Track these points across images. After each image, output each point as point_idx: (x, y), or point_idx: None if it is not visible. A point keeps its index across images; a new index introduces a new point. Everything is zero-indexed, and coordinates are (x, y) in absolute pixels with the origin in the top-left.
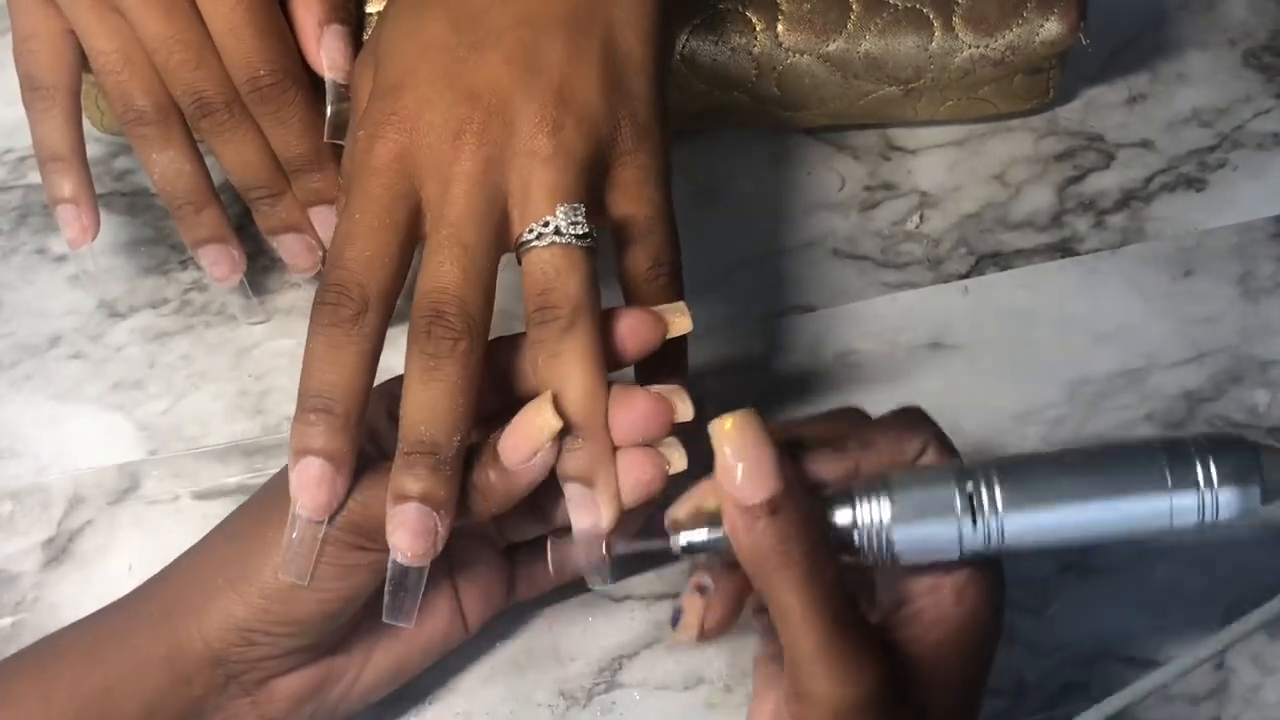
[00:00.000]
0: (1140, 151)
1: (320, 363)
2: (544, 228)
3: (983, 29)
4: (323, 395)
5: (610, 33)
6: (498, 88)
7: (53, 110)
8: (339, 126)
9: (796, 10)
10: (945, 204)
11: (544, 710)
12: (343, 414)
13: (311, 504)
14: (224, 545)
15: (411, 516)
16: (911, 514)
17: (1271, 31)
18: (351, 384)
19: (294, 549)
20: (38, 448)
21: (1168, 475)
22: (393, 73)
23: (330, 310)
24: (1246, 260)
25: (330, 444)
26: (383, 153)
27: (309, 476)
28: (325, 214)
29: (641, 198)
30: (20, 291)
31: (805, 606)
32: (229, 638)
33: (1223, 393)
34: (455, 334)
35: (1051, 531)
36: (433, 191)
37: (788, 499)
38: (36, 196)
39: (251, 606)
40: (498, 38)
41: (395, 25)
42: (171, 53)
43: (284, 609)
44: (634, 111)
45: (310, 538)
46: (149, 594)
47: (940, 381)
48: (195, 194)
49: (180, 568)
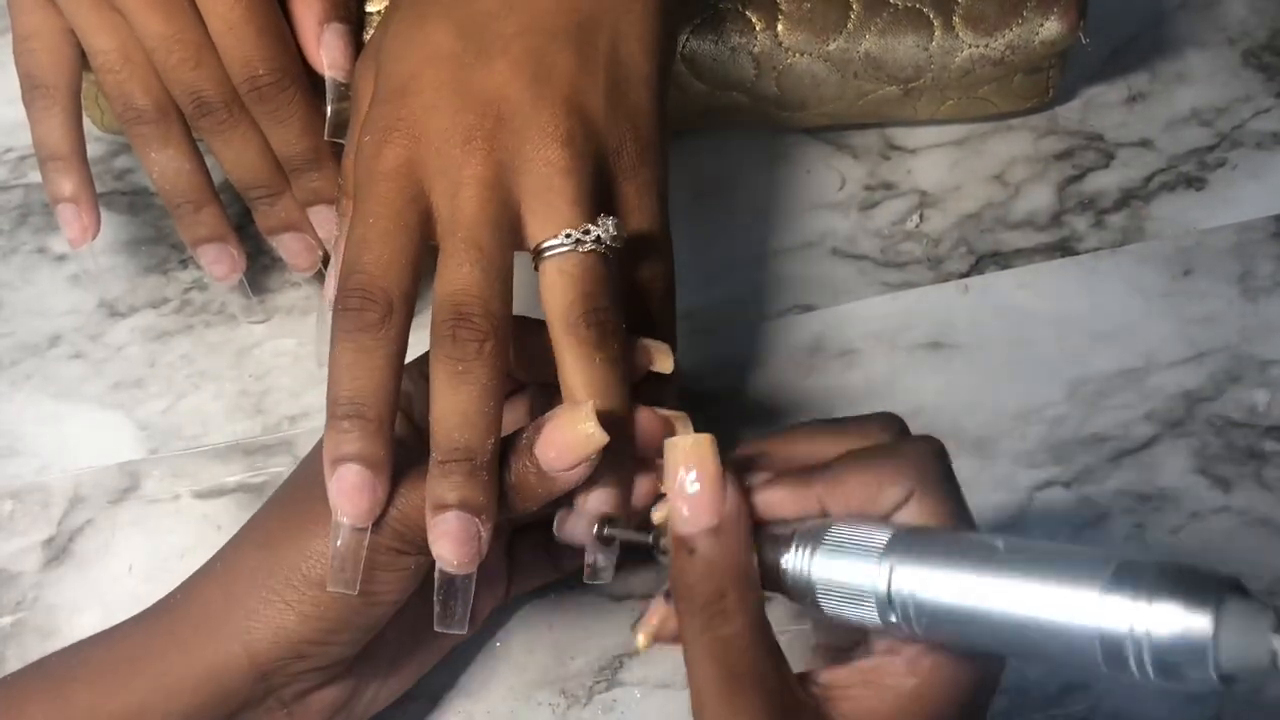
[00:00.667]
0: (1140, 151)
1: (349, 369)
2: (584, 234)
3: (983, 28)
4: (355, 401)
5: (615, 44)
6: (507, 95)
7: (53, 109)
8: (339, 125)
9: (796, 10)
10: (945, 203)
11: (544, 709)
12: (376, 418)
13: (355, 511)
14: (257, 555)
15: (453, 525)
16: (833, 579)
17: (1271, 31)
18: (382, 387)
19: (340, 559)
20: (38, 447)
21: (1100, 600)
22: (397, 78)
23: (355, 316)
24: (1246, 260)
25: (367, 449)
26: (391, 158)
27: (349, 484)
28: (324, 213)
29: (643, 210)
30: (20, 291)
31: (704, 651)
32: (277, 651)
33: (1222, 392)
34: (481, 335)
35: (967, 637)
36: (443, 196)
37: (718, 539)
38: (37, 196)
39: (305, 618)
40: (505, 45)
41: (398, 30)
42: (170, 52)
43: (337, 618)
44: (637, 125)
45: (355, 546)
46: (175, 611)
47: (940, 381)
48: (194, 193)
49: (210, 581)
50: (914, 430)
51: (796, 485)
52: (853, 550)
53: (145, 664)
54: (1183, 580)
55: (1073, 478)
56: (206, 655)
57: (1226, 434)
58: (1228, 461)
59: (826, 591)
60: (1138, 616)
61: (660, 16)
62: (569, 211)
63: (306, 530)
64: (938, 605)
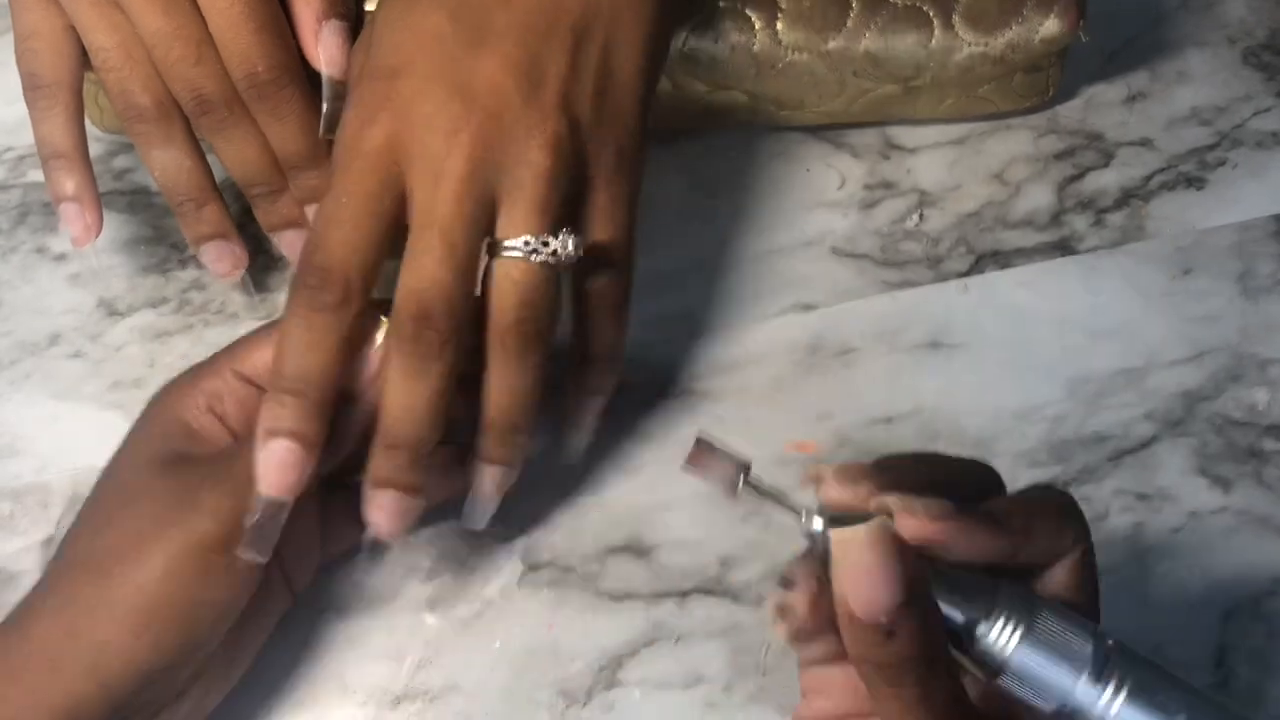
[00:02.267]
0: (1140, 150)
1: (298, 345)
2: (542, 245)
3: (982, 27)
4: (298, 379)
5: (608, 51)
6: (496, 91)
7: (55, 108)
8: (335, 123)
9: (796, 8)
10: (945, 202)
11: (544, 710)
12: (317, 400)
13: (280, 485)
14: (93, 585)
15: (388, 501)
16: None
17: (1271, 30)
18: (327, 370)
19: (257, 530)
20: (37, 446)
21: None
22: (388, 58)
23: (311, 294)
24: (1246, 259)
25: (301, 426)
26: (373, 137)
27: (278, 459)
28: None
29: (614, 221)
30: (20, 290)
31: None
32: (132, 684)
33: (1222, 391)
34: (443, 337)
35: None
36: (421, 184)
37: (908, 620)
38: (36, 195)
39: (156, 646)
40: (499, 38)
41: (390, 14)
42: (170, 49)
43: (190, 639)
44: (620, 135)
45: (274, 518)
46: (13, 653)
47: (940, 381)
48: (196, 191)
49: (47, 617)
50: (912, 430)
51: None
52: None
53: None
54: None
55: (1072, 477)
56: (57, 695)
57: (1226, 433)
58: (1228, 461)
59: (1020, 680)
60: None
61: (652, 28)
62: (534, 219)
63: (139, 553)
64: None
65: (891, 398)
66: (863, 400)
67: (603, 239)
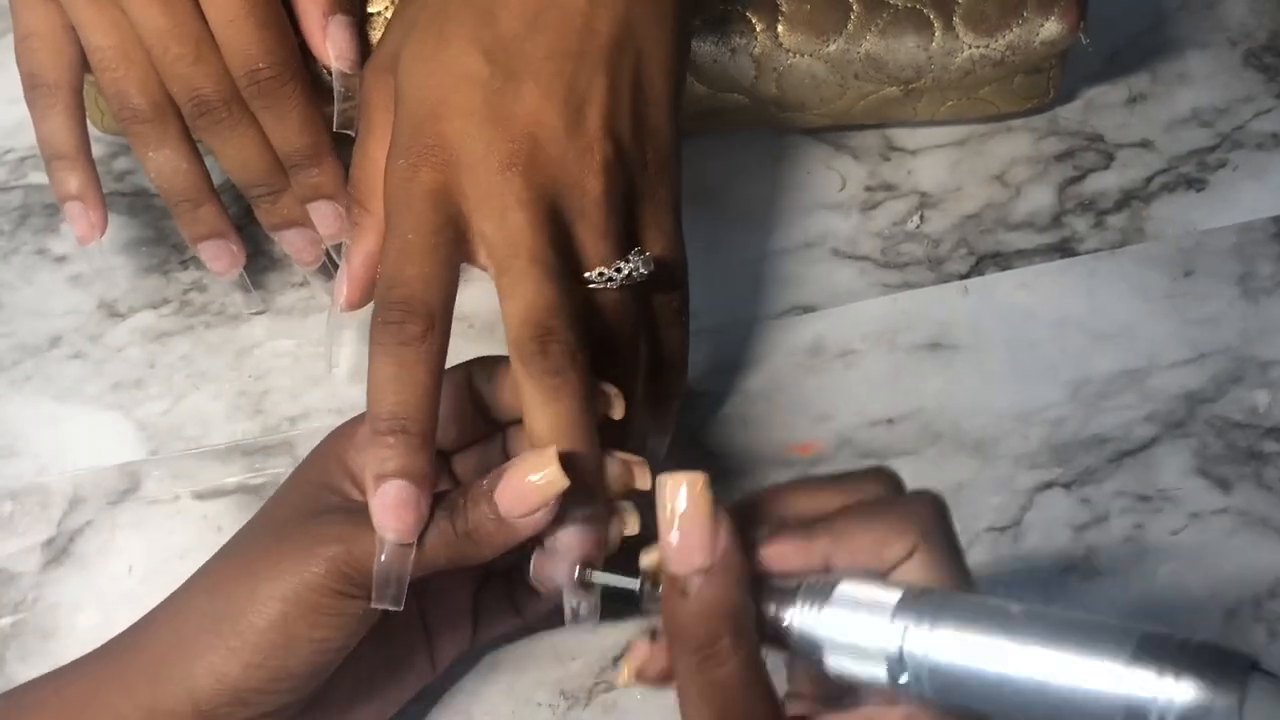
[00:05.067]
0: (1140, 151)
1: (391, 383)
2: (616, 273)
3: (983, 29)
4: (398, 416)
5: (638, 67)
6: (541, 120)
7: (55, 108)
8: (348, 119)
9: (797, 11)
10: (945, 204)
11: (544, 710)
12: (419, 433)
13: (399, 527)
14: (205, 599)
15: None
16: (843, 637)
17: (1271, 31)
18: (424, 401)
19: (384, 576)
20: (38, 448)
21: (1125, 672)
22: (425, 103)
23: (396, 329)
24: (1246, 260)
25: (411, 464)
26: (426, 181)
27: (393, 500)
28: (324, 209)
29: (663, 230)
30: (20, 291)
31: (697, 694)
32: (220, 699)
33: (1223, 393)
34: (570, 349)
35: (981, 701)
36: (489, 221)
37: (712, 580)
38: (37, 197)
39: (246, 664)
40: (535, 69)
41: (419, 51)
42: (168, 47)
43: (280, 666)
44: (657, 147)
45: (400, 562)
46: (124, 655)
47: (940, 381)
48: (193, 191)
49: (159, 626)
50: (913, 432)
51: (800, 539)
52: (863, 608)
53: (94, 710)
54: (1207, 656)
55: (1073, 479)
56: (152, 702)
57: (1227, 435)
58: (1228, 462)
59: (834, 649)
60: (1162, 690)
61: (676, 35)
62: (604, 247)
63: (253, 575)
64: (953, 669)
65: (892, 399)
66: (863, 402)
67: (656, 249)
